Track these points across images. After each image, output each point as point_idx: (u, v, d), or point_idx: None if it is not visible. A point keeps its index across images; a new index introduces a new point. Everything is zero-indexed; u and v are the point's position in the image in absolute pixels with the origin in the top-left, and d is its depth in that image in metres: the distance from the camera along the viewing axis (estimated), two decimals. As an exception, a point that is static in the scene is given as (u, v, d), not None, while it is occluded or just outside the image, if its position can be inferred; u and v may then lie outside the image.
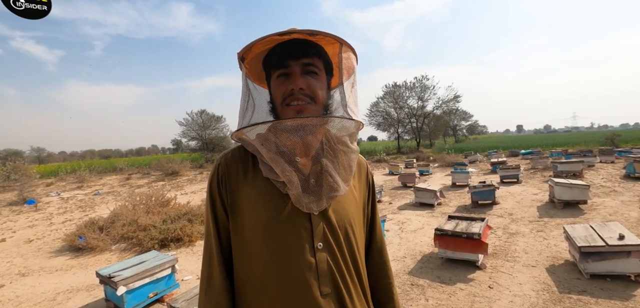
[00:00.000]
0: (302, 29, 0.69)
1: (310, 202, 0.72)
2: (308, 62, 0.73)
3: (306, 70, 0.73)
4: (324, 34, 0.71)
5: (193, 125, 29.81)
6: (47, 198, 12.11)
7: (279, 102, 0.74)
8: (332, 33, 0.71)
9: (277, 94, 0.74)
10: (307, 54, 0.73)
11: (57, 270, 4.51)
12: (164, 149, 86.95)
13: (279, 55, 0.73)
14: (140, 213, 6.05)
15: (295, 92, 0.71)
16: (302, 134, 0.70)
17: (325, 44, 0.76)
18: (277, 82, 0.74)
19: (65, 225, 7.41)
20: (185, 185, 14.19)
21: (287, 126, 0.69)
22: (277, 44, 0.73)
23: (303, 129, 0.70)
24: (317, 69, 0.75)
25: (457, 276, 3.48)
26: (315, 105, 0.73)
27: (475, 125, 66.01)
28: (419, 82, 31.94)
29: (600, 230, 3.51)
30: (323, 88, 0.76)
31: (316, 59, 0.74)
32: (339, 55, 0.77)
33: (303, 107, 0.71)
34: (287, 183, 0.71)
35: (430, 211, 6.64)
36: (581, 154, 13.44)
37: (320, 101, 0.74)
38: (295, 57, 0.72)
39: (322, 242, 0.72)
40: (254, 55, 0.77)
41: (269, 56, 0.76)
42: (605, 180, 8.38)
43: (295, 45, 0.72)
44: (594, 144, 21.72)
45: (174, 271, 3.41)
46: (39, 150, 59.99)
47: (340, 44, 0.75)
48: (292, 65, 0.72)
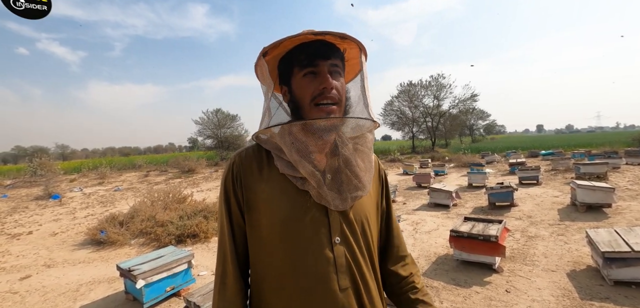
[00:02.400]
0: (335, 32, 0.71)
1: (334, 199, 0.73)
2: (335, 63, 0.75)
3: (332, 71, 0.74)
4: (352, 39, 0.74)
5: (209, 124, 30.34)
6: (71, 193, 12.60)
7: (307, 101, 0.73)
8: (356, 38, 0.74)
9: (305, 92, 0.73)
10: (335, 55, 0.75)
11: (80, 262, 4.70)
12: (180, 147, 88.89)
13: (308, 54, 0.73)
14: (158, 210, 6.22)
15: (327, 90, 0.72)
16: (327, 134, 0.73)
17: (349, 46, 0.78)
18: (304, 81, 0.74)
19: (88, 219, 7.70)
20: (201, 183, 14.47)
21: (320, 126, 0.71)
22: (303, 43, 0.74)
23: (333, 129, 0.73)
24: (340, 69, 0.77)
25: (473, 279, 3.41)
26: (339, 106, 0.75)
27: (493, 125, 64.33)
28: (434, 81, 31.44)
29: (625, 235, 3.36)
30: (344, 89, 0.78)
31: (339, 61, 0.77)
32: (359, 59, 0.80)
33: (332, 109, 0.73)
34: (312, 181, 0.72)
35: (446, 212, 6.53)
36: (606, 155, 12.89)
37: (342, 104, 0.76)
38: (325, 57, 0.73)
39: (339, 237, 0.73)
40: (278, 52, 0.78)
41: (292, 55, 0.76)
42: (632, 183, 8.01)
43: (324, 46, 0.73)
44: (619, 144, 20.74)
45: (191, 266, 3.49)
46: (63, 147, 62.48)
47: (359, 49, 0.78)
48: (321, 64, 0.73)
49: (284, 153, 0.75)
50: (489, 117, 55.01)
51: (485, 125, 56.17)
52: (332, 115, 0.72)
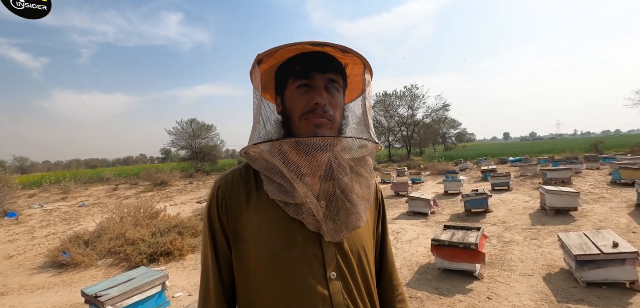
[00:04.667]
0: (336, 44, 0.65)
1: (330, 229, 0.66)
2: (332, 79, 0.69)
3: (329, 86, 0.68)
4: (355, 53, 0.68)
5: (183, 134, 29.44)
6: (30, 210, 11.68)
7: (297, 115, 0.67)
8: (361, 54, 0.68)
9: (297, 106, 0.67)
10: (333, 69, 0.69)
11: (39, 288, 4.30)
12: (152, 159, 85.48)
13: (304, 65, 0.67)
14: (129, 227, 5.85)
15: (319, 106, 0.65)
16: (320, 154, 0.65)
17: (351, 61, 0.73)
18: (298, 93, 0.68)
19: (49, 239, 7.12)
20: (175, 196, 13.89)
21: (308, 144, 0.64)
22: (301, 54, 0.68)
23: (324, 148, 0.65)
24: (339, 85, 0.71)
25: (456, 287, 3.44)
26: (333, 123, 0.68)
27: (464, 133, 67.04)
28: (409, 92, 32.44)
29: (594, 237, 3.53)
30: (341, 107, 0.72)
31: (339, 76, 0.70)
32: (363, 76, 0.75)
33: (323, 124, 0.66)
34: (310, 205, 0.65)
35: (425, 220, 6.63)
36: (568, 160, 13.73)
37: (338, 120, 0.70)
38: (323, 71, 0.67)
39: (335, 272, 0.66)
40: (275, 61, 0.71)
41: (288, 65, 0.70)
42: (593, 186, 8.54)
43: (323, 58, 0.67)
44: (578, 150, 22.27)
45: (165, 288, 3.26)
46: (22, 159, 58.10)
47: (364, 65, 0.72)
48: (317, 77, 0.67)
49: (276, 174, 0.68)
50: (460, 126, 57.40)
51: (456, 134, 58.42)
52: (322, 129, 0.65)
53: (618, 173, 8.56)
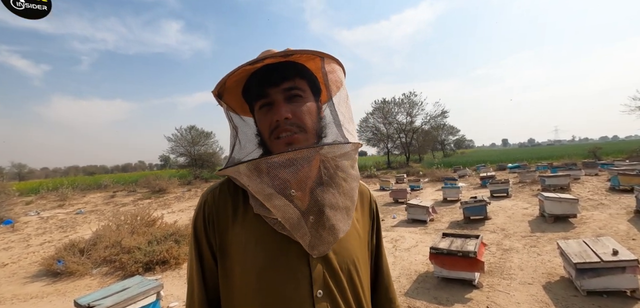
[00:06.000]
0: (275, 52, 0.62)
1: (316, 244, 0.63)
2: (290, 87, 0.65)
3: (289, 95, 0.65)
4: (300, 52, 0.63)
5: (182, 141, 29.37)
6: (26, 217, 11.58)
7: (266, 136, 0.66)
8: (309, 49, 0.63)
9: (263, 127, 0.66)
10: (287, 77, 0.65)
11: (32, 297, 4.23)
12: (151, 165, 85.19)
13: (257, 85, 0.66)
14: (125, 234, 5.79)
15: (280, 123, 0.63)
16: (295, 169, 0.61)
17: (306, 61, 0.68)
18: (261, 114, 0.67)
19: (44, 247, 7.04)
20: (172, 203, 13.81)
21: (275, 162, 0.61)
22: (252, 73, 0.66)
23: (294, 164, 0.60)
24: (301, 91, 0.67)
25: (455, 296, 3.39)
26: (305, 133, 0.65)
27: (463, 140, 67.10)
28: (407, 98, 32.53)
29: (593, 245, 3.50)
30: (311, 111, 0.67)
31: (298, 81, 0.66)
32: (322, 70, 0.68)
33: (292, 138, 0.63)
34: (286, 224, 0.62)
35: (423, 228, 6.59)
36: (567, 167, 13.74)
37: (310, 127, 0.66)
38: (275, 84, 0.64)
39: (322, 289, 0.63)
40: (231, 88, 0.69)
41: (247, 88, 0.69)
42: (592, 193, 8.53)
43: (273, 71, 0.64)
44: (576, 156, 22.30)
45: (159, 298, 3.21)
46: (20, 166, 57.77)
47: (320, 58, 0.67)
48: (272, 93, 0.65)
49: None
50: (459, 132, 57.44)
51: (455, 140, 58.49)
52: (294, 145, 0.62)
53: (616, 179, 8.56)
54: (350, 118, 0.73)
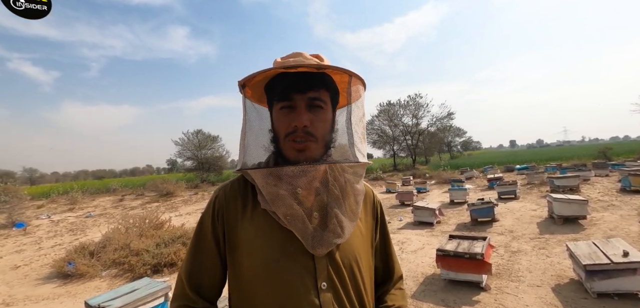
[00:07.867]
0: (310, 64, 0.64)
1: (316, 244, 0.67)
2: (314, 97, 0.68)
3: (311, 104, 0.68)
4: (333, 68, 0.66)
5: (189, 145, 29.65)
6: (37, 221, 11.80)
7: (282, 135, 0.69)
8: (340, 67, 0.66)
9: (280, 127, 0.70)
10: (314, 86, 0.68)
11: (44, 299, 4.31)
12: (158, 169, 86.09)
13: (284, 87, 0.68)
14: (133, 237, 5.88)
15: (298, 129, 0.66)
16: (304, 179, 0.67)
17: (333, 73, 0.71)
18: (280, 114, 0.70)
19: (55, 249, 7.17)
20: (180, 206, 13.95)
21: (288, 172, 0.66)
22: (281, 74, 0.69)
23: (304, 174, 0.67)
24: (323, 102, 0.70)
25: (462, 299, 3.37)
26: (316, 142, 0.69)
27: (470, 141, 66.51)
28: (412, 100, 32.33)
29: (603, 247, 3.45)
30: (327, 123, 0.72)
31: (323, 92, 0.70)
32: (347, 89, 0.74)
33: (305, 146, 0.67)
34: (290, 222, 0.67)
35: (430, 230, 6.55)
36: (576, 168, 13.52)
37: (322, 137, 0.70)
38: (302, 91, 0.67)
39: (326, 282, 0.67)
40: (256, 82, 0.73)
41: (272, 85, 0.72)
42: (602, 194, 8.39)
43: (301, 78, 0.67)
44: (586, 157, 21.91)
45: (167, 299, 3.25)
46: (31, 171, 58.99)
47: (349, 76, 0.71)
48: (297, 99, 0.68)
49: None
50: (466, 134, 56.92)
51: (462, 142, 57.99)
52: (304, 153, 0.67)
53: (627, 180, 8.40)
54: (363, 136, 0.78)
